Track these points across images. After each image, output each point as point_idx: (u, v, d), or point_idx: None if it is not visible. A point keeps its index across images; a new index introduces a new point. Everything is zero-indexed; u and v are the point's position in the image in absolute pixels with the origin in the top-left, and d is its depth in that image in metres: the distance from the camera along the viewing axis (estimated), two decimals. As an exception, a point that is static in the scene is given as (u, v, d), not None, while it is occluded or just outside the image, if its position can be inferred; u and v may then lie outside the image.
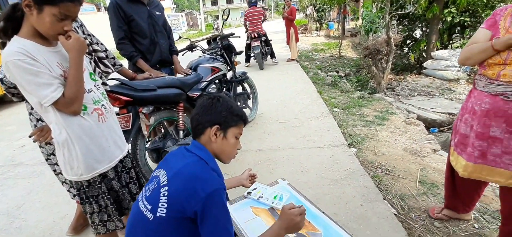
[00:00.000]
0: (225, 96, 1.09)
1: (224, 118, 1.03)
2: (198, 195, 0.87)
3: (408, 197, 2.15)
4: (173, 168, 0.97)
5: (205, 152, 1.01)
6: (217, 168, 1.02)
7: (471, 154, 1.50)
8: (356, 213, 1.94)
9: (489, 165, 1.45)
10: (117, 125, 1.40)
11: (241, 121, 1.08)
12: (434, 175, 2.42)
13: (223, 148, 1.05)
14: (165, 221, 0.90)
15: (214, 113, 1.02)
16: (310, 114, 3.81)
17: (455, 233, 1.82)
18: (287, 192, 1.49)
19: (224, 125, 1.03)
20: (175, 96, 2.28)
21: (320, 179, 2.35)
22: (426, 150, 2.84)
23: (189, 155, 0.99)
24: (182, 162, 0.97)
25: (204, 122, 1.03)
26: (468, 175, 1.53)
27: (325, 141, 3.02)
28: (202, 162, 0.97)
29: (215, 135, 1.02)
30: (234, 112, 1.05)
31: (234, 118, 1.05)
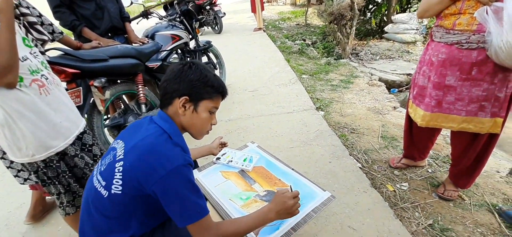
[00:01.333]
0: (201, 63, 0.94)
1: (195, 88, 0.89)
2: (156, 173, 0.77)
3: (371, 151, 2.28)
4: (131, 141, 0.86)
5: (170, 125, 0.89)
6: (183, 143, 0.90)
7: (428, 104, 1.59)
8: (324, 170, 2.01)
9: (444, 112, 1.56)
10: (67, 98, 1.25)
11: (217, 93, 0.93)
12: (394, 130, 2.58)
13: (193, 122, 0.92)
14: (121, 199, 0.81)
15: (183, 81, 0.88)
16: (279, 82, 3.80)
17: (412, 179, 1.98)
18: (257, 154, 1.48)
19: (194, 96, 0.89)
20: (131, 67, 2.09)
21: (290, 142, 2.38)
22: (387, 108, 3.01)
23: (152, 127, 0.87)
24: (142, 134, 0.85)
25: (171, 91, 0.89)
26: (425, 124, 1.64)
27: (294, 107, 3.05)
28: (165, 135, 0.85)
29: (183, 107, 0.89)
30: (208, 83, 0.90)
31: (207, 89, 0.90)
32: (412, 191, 1.87)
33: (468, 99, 1.46)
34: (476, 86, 1.43)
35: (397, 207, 1.73)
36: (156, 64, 2.37)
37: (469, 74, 1.43)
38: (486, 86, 1.41)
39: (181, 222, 0.80)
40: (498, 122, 1.45)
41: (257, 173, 1.33)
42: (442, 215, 1.67)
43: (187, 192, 0.79)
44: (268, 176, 1.31)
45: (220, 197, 1.17)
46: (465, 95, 1.47)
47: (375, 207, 1.69)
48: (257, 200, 1.16)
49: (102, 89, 1.95)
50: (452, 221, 1.63)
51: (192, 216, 0.80)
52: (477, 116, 1.48)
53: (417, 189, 1.89)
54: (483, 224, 1.60)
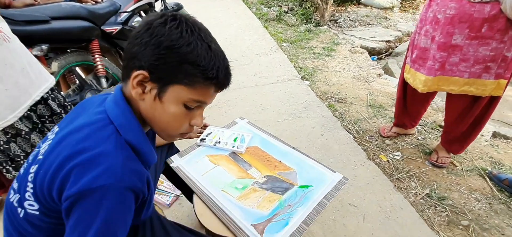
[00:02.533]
0: (191, 19, 0.56)
1: (163, 61, 0.52)
2: (70, 186, 0.49)
3: (361, 121, 2.18)
4: (65, 130, 0.57)
5: (123, 110, 0.56)
6: (139, 140, 0.57)
7: (431, 67, 1.46)
8: (317, 144, 1.87)
9: (446, 75, 1.45)
10: (19, 56, 1.01)
11: (205, 79, 0.55)
12: (381, 98, 2.50)
13: (154, 115, 0.58)
14: (40, 222, 0.54)
15: (148, 44, 0.52)
16: (259, 51, 3.52)
17: (404, 147, 1.92)
18: (249, 131, 1.25)
19: (158, 74, 0.54)
20: (82, 31, 1.68)
21: (278, 115, 2.19)
22: (372, 75, 2.91)
23: (97, 113, 0.57)
24: (80, 121, 0.57)
25: (129, 55, 0.55)
26: (427, 89, 1.53)
27: (278, 76, 2.83)
28: (110, 128, 0.54)
29: (140, 87, 0.55)
30: (188, 56, 0.52)
31: (185, 68, 0.53)
32: (405, 160, 1.81)
33: (474, 59, 1.36)
34: (484, 45, 1.32)
35: (393, 178, 1.66)
36: (114, 29, 1.96)
37: (478, 32, 1.30)
38: (495, 45, 1.31)
39: None
40: (501, 84, 1.37)
41: (252, 155, 1.12)
42: (438, 183, 1.63)
43: (95, 228, 0.48)
44: (266, 158, 1.10)
45: (211, 190, 0.95)
46: (471, 55, 1.36)
47: (374, 180, 1.60)
48: (256, 188, 0.96)
49: (46, 60, 1.54)
50: (448, 188, 1.60)
51: None
52: (480, 78, 1.39)
53: (410, 158, 1.83)
54: (476, 189, 1.59)
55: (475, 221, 1.40)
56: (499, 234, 1.34)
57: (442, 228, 1.37)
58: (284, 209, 0.88)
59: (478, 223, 1.39)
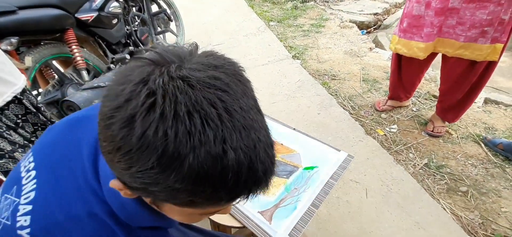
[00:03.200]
0: (203, 88, 0.28)
1: (151, 185, 0.30)
2: None
3: (355, 97, 2.16)
4: (48, 202, 0.40)
5: (123, 201, 0.39)
6: (154, 221, 0.42)
7: (430, 34, 1.44)
8: (315, 122, 1.84)
9: (443, 37, 1.44)
10: None
11: (229, 199, 0.33)
12: (374, 71, 2.47)
13: (161, 214, 0.41)
14: None
15: (114, 158, 0.30)
16: (246, 32, 3.39)
17: (400, 120, 1.92)
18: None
19: (143, 194, 0.35)
20: (54, 20, 1.53)
21: (272, 96, 2.13)
22: (363, 50, 2.87)
23: (92, 194, 0.40)
24: (73, 204, 0.39)
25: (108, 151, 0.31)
26: (427, 53, 1.51)
27: (269, 57, 2.74)
28: (114, 222, 0.39)
29: (127, 191, 0.35)
30: (201, 181, 0.29)
31: (185, 195, 0.31)
32: (402, 132, 1.81)
33: (470, 23, 1.33)
34: (482, 8, 1.29)
35: (392, 151, 1.65)
36: (90, 16, 1.81)
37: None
38: (492, 8, 1.28)
39: None
40: (497, 48, 1.36)
41: (252, 140, 1.06)
42: (435, 153, 1.64)
43: None
44: (267, 141, 1.05)
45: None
46: (467, 19, 1.33)
47: (374, 155, 1.59)
48: (259, 174, 0.91)
49: (17, 54, 1.41)
50: (445, 157, 1.61)
51: None
52: (476, 42, 1.37)
53: (406, 130, 1.83)
54: (472, 156, 1.61)
55: (473, 186, 1.42)
56: (496, 197, 1.37)
57: (442, 195, 1.39)
58: (291, 193, 0.84)
59: (476, 188, 1.41)
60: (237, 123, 0.29)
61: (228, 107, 0.28)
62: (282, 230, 0.73)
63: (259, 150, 0.30)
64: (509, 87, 2.46)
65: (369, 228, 1.22)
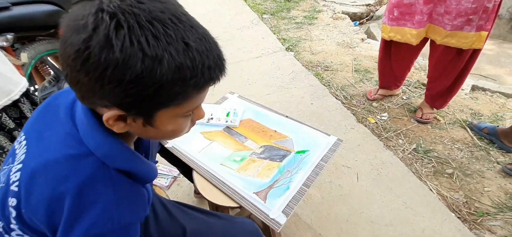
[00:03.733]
0: (137, 12, 0.34)
1: (135, 97, 0.37)
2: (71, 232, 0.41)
3: (348, 87, 2.21)
4: (34, 154, 0.46)
5: (103, 138, 0.44)
6: (135, 167, 0.47)
7: (421, 21, 1.50)
8: (308, 112, 1.89)
9: (433, 23, 1.50)
10: None
11: (196, 88, 0.40)
12: (365, 62, 2.53)
13: (150, 135, 0.47)
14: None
15: (101, 84, 0.35)
16: (240, 25, 3.41)
17: (390, 108, 1.98)
18: (241, 105, 1.24)
19: (137, 110, 0.40)
20: (48, 16, 1.55)
21: (266, 88, 2.17)
22: (356, 41, 2.92)
23: (70, 137, 0.45)
24: (51, 144, 0.45)
25: (82, 89, 0.38)
26: (419, 39, 1.57)
27: (262, 50, 2.77)
28: (91, 160, 0.43)
29: (118, 122, 0.42)
30: (167, 79, 0.36)
31: (169, 90, 0.37)
32: (392, 119, 1.88)
33: (456, 12, 1.39)
34: None
35: (382, 138, 1.72)
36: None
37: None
38: (477, -4, 1.33)
39: None
40: (482, 36, 1.42)
41: (247, 128, 1.11)
42: (423, 138, 1.71)
43: None
44: (261, 129, 1.10)
45: (209, 164, 0.94)
46: (453, 8, 1.39)
47: (365, 141, 1.65)
48: (254, 159, 0.96)
49: (13, 51, 1.42)
50: (433, 142, 1.68)
51: None
52: (462, 30, 1.43)
53: (396, 117, 1.89)
54: (458, 140, 1.68)
55: (458, 168, 1.50)
56: (480, 178, 1.44)
57: (429, 178, 1.46)
58: (284, 175, 0.89)
59: (461, 170, 1.49)
60: (186, 23, 0.37)
61: (175, 13, 0.36)
62: (276, 208, 0.78)
63: (209, 40, 0.39)
64: (496, 74, 2.54)
65: (360, 209, 1.28)
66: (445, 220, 1.21)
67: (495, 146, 1.60)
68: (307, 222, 1.24)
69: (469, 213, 1.28)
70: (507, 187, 1.37)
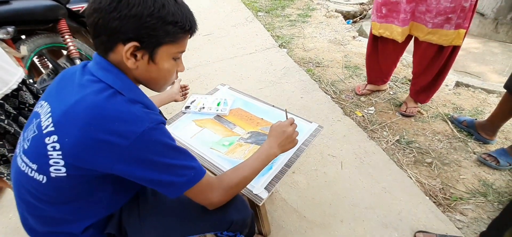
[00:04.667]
0: None
1: (148, 29, 0.57)
2: (115, 148, 0.55)
3: (338, 82, 2.29)
4: (60, 102, 0.59)
5: (117, 76, 0.61)
6: (142, 97, 0.64)
7: (404, 19, 1.59)
8: (298, 105, 1.97)
9: (416, 21, 1.59)
10: None
11: (183, 32, 0.62)
12: (356, 59, 2.61)
13: (151, 76, 0.65)
14: (69, 182, 0.59)
15: (127, 17, 0.55)
16: (234, 22, 3.48)
17: (377, 102, 2.07)
18: (231, 95, 1.31)
19: (148, 42, 0.59)
20: (46, 11, 1.60)
21: (258, 83, 2.25)
22: (347, 38, 3.01)
23: (90, 82, 0.59)
24: (76, 92, 0.59)
25: (109, 30, 0.57)
26: (404, 37, 1.66)
27: (256, 46, 2.85)
28: (112, 91, 0.59)
29: (133, 57, 0.60)
30: (167, 18, 0.58)
31: (167, 28, 0.59)
32: (378, 113, 1.96)
33: (436, 11, 1.47)
34: None
35: (367, 130, 1.80)
36: (81, 6, 1.88)
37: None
38: (454, -4, 1.42)
39: (173, 193, 0.62)
40: (461, 33, 1.50)
41: (236, 116, 1.19)
42: (406, 130, 1.80)
43: (168, 159, 0.59)
44: (249, 117, 1.18)
45: (200, 148, 1.02)
46: (433, 7, 1.47)
47: (350, 133, 1.73)
48: (241, 143, 1.04)
49: (14, 44, 1.48)
50: (415, 134, 1.77)
51: (185, 183, 0.62)
52: (442, 28, 1.51)
53: (382, 111, 1.98)
54: (439, 132, 1.77)
55: (437, 158, 1.59)
56: (457, 166, 1.53)
57: (410, 166, 1.54)
58: (268, 158, 0.97)
59: (440, 159, 1.57)
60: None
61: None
62: (259, 184, 0.86)
63: (186, 5, 0.63)
64: (480, 71, 2.64)
65: (343, 194, 1.36)
66: (420, 204, 1.29)
67: (473, 138, 1.69)
68: (293, 206, 1.32)
69: (444, 198, 1.36)
70: (481, 175, 1.46)
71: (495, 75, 2.55)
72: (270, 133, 0.84)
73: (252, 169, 0.75)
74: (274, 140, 0.81)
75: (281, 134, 0.81)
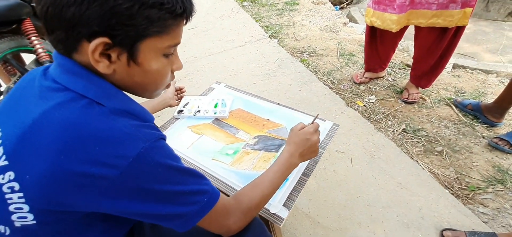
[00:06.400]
0: None
1: (121, 17, 0.39)
2: (103, 179, 0.39)
3: (334, 71, 2.19)
4: (15, 125, 0.43)
5: (89, 80, 0.44)
6: (129, 104, 0.48)
7: (402, 5, 1.47)
8: (297, 99, 1.84)
9: (416, 8, 1.47)
10: None
11: (173, 16, 0.44)
12: (350, 46, 2.51)
13: (136, 81, 0.47)
14: (41, 229, 0.43)
15: (88, 4, 0.38)
16: (220, 13, 3.29)
17: (377, 90, 1.98)
18: (229, 95, 1.16)
19: (123, 35, 0.41)
20: (8, 11, 1.38)
21: (252, 77, 2.10)
22: (338, 25, 2.90)
23: (52, 90, 0.43)
24: (36, 108, 0.42)
25: (65, 23, 0.39)
26: (400, 26, 1.54)
27: (245, 38, 2.68)
28: (86, 102, 0.42)
29: (105, 59, 0.42)
30: (147, 0, 0.40)
31: (150, 13, 0.41)
32: (380, 102, 1.87)
33: None
34: None
35: (371, 120, 1.71)
36: (49, 2, 1.64)
37: (445, -39, 1.30)
38: (461, -28, 1.32)
39: (183, 226, 0.47)
40: (467, 12, 1.42)
41: (237, 118, 1.04)
42: (411, 118, 1.72)
43: (174, 186, 0.45)
44: (252, 118, 1.03)
45: (200, 161, 0.87)
46: (439, -13, 1.37)
47: (355, 125, 1.63)
48: (248, 151, 0.90)
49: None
50: (421, 121, 1.69)
51: (198, 212, 0.48)
52: (447, 8, 1.42)
53: (384, 99, 1.89)
54: (445, 118, 1.71)
55: (447, 145, 1.51)
56: (468, 153, 1.46)
57: (420, 157, 1.46)
58: (282, 166, 0.83)
59: (450, 147, 1.50)
60: None
61: None
62: (276, 201, 0.73)
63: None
64: (474, 51, 2.61)
65: (357, 194, 1.26)
66: (440, 198, 1.21)
67: (480, 122, 1.64)
68: (304, 211, 1.21)
69: (461, 189, 1.29)
70: (494, 160, 1.40)
71: (488, 55, 2.53)
72: (290, 139, 0.70)
73: (272, 184, 0.62)
74: (295, 148, 0.67)
75: (304, 142, 0.68)
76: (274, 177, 0.62)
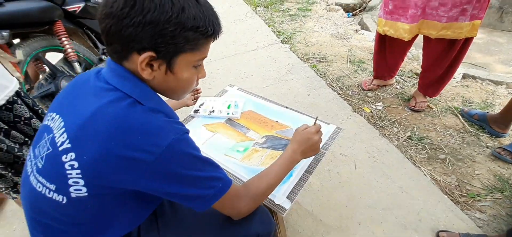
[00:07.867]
0: None
1: (165, 37, 0.51)
2: (140, 163, 0.50)
3: (343, 78, 2.25)
4: (74, 115, 0.54)
5: (135, 84, 0.55)
6: (162, 106, 0.59)
7: (414, 15, 1.52)
8: (305, 103, 1.92)
9: (427, 18, 1.53)
10: None
11: (205, 37, 0.55)
12: (360, 53, 2.57)
13: (169, 86, 0.60)
14: (91, 201, 0.54)
15: (141, 24, 0.49)
16: (234, 18, 3.41)
17: (385, 97, 2.03)
18: (241, 97, 1.26)
19: (165, 51, 0.53)
20: (41, 12, 1.52)
21: (263, 81, 2.20)
22: (350, 32, 2.96)
23: (105, 90, 0.54)
24: (91, 103, 0.53)
25: (122, 39, 0.51)
26: (411, 35, 1.59)
27: (257, 43, 2.78)
28: (130, 101, 0.53)
29: (149, 68, 0.54)
30: (187, 24, 0.51)
31: (187, 35, 0.52)
32: (387, 109, 1.92)
33: (452, 4, 1.43)
34: None
35: (377, 126, 1.76)
36: (77, 6, 1.79)
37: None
38: (470, -15, 1.37)
39: (201, 207, 0.58)
40: (476, 25, 1.46)
41: (248, 119, 1.13)
42: (417, 126, 1.76)
43: (195, 172, 0.55)
44: (262, 120, 1.12)
45: (213, 155, 0.97)
46: (449, 0, 1.42)
47: (361, 130, 1.69)
48: (257, 149, 0.99)
49: (8, 48, 1.41)
50: (426, 129, 1.74)
51: (214, 195, 0.58)
52: (457, 21, 1.46)
53: (391, 107, 1.94)
54: (450, 127, 1.74)
55: (451, 154, 1.56)
56: (471, 162, 1.50)
57: (423, 163, 1.51)
58: (287, 164, 0.92)
59: (453, 155, 1.54)
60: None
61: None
62: (280, 193, 0.82)
63: (209, 3, 0.56)
64: (485, 62, 2.61)
65: (358, 195, 1.33)
66: (439, 202, 1.26)
67: (485, 132, 1.67)
68: (307, 209, 1.28)
69: (461, 195, 1.34)
70: (496, 170, 1.44)
71: (501, 66, 2.52)
72: (294, 138, 0.79)
73: (277, 176, 0.72)
74: (297, 146, 0.77)
75: (305, 141, 0.77)
76: (278, 170, 0.72)
